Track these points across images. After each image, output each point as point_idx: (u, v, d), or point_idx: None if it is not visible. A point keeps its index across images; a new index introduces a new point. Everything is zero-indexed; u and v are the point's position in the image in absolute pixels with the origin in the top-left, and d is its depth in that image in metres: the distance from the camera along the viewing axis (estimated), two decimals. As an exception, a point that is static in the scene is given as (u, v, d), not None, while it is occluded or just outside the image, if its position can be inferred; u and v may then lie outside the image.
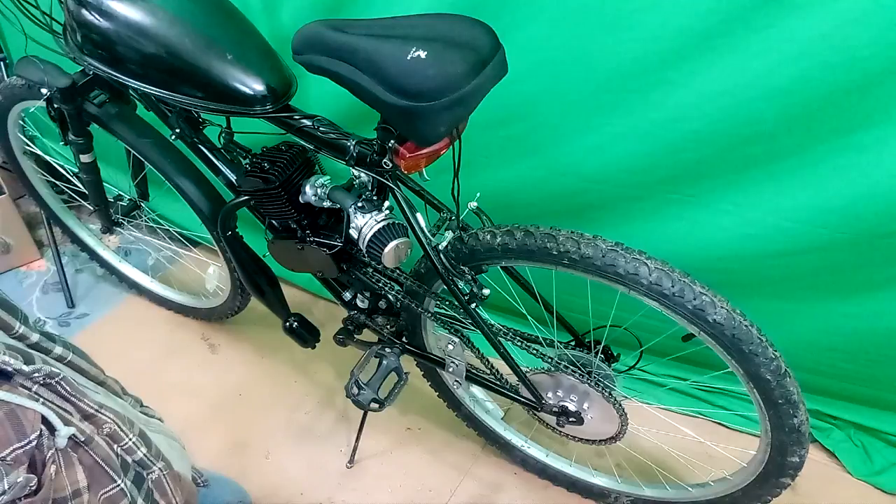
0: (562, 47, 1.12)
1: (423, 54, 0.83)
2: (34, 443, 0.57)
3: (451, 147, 0.97)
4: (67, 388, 0.65)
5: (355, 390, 1.19)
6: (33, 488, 0.57)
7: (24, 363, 0.59)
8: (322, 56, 0.91)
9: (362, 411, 1.30)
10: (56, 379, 0.63)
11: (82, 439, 0.64)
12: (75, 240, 1.88)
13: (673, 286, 0.96)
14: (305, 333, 1.46)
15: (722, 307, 0.96)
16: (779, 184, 1.12)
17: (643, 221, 1.28)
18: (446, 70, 0.84)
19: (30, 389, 0.61)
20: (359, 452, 1.48)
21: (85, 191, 1.52)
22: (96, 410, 0.68)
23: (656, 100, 1.10)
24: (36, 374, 0.61)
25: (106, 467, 0.67)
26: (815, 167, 1.08)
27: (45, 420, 0.60)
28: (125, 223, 1.66)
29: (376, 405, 1.20)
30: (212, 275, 1.67)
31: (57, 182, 1.78)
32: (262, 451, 1.50)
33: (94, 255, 1.89)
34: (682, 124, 1.11)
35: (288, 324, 1.44)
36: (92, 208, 1.57)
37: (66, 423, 0.63)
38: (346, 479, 1.45)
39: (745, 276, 1.25)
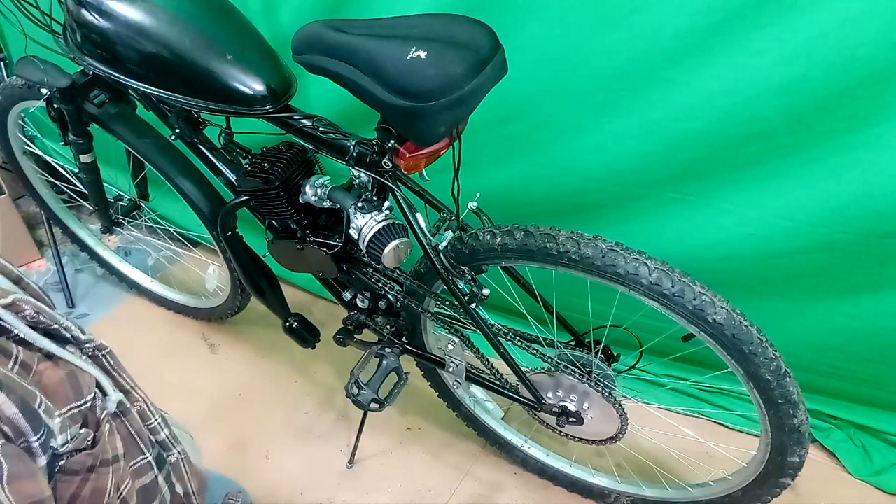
0: (562, 47, 1.12)
1: (422, 54, 0.84)
2: (89, 404, 0.61)
3: (451, 147, 0.98)
4: (112, 361, 0.69)
5: (355, 390, 1.19)
6: (89, 443, 0.60)
7: (81, 332, 0.63)
8: (322, 56, 0.91)
9: (362, 411, 1.30)
10: (103, 352, 0.67)
11: (125, 406, 0.68)
12: (75, 240, 1.88)
13: (673, 286, 0.96)
14: (305, 333, 1.46)
15: (722, 307, 0.96)
16: (779, 183, 1.12)
17: (643, 221, 1.28)
18: (446, 70, 0.84)
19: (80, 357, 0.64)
20: (359, 452, 1.48)
21: (85, 191, 1.52)
22: (132, 387, 0.72)
23: (656, 99, 1.10)
24: (87, 345, 0.64)
25: (138, 440, 0.70)
26: (814, 166, 1.08)
27: (97, 384, 0.64)
28: (125, 223, 1.66)
29: (376, 405, 1.20)
30: (212, 275, 1.67)
31: (57, 182, 1.78)
32: (262, 451, 1.50)
33: (94, 255, 1.89)
34: (683, 123, 1.11)
35: (288, 324, 1.44)
36: (92, 208, 1.57)
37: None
38: (346, 479, 1.45)
39: (745, 276, 1.25)
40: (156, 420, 0.75)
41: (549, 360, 1.15)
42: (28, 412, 0.51)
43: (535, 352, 1.15)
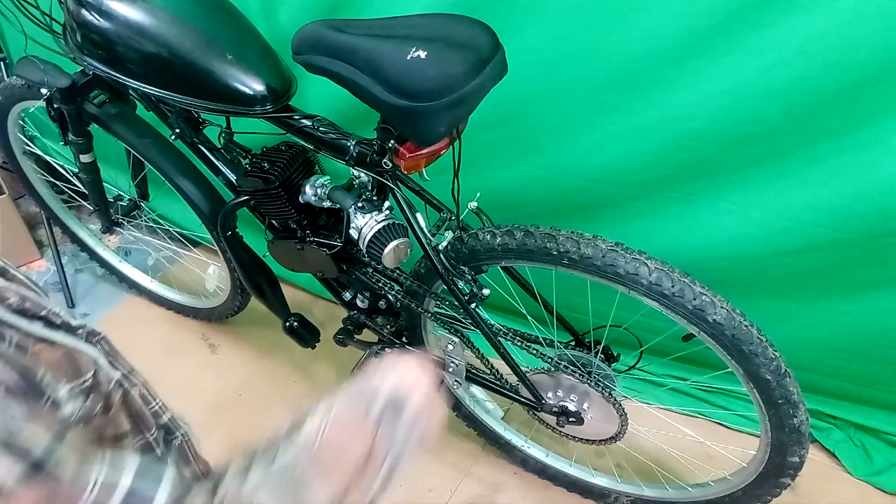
0: (562, 47, 1.12)
1: (422, 54, 0.83)
2: (90, 382, 0.60)
3: (451, 147, 0.98)
4: (107, 346, 0.68)
5: (355, 390, 1.19)
6: (100, 410, 0.60)
7: (72, 318, 0.62)
8: (322, 56, 0.91)
9: (362, 411, 1.30)
10: (97, 338, 0.66)
11: (125, 387, 0.68)
12: (75, 240, 1.88)
13: (673, 286, 0.96)
14: (305, 333, 1.46)
15: (722, 307, 0.96)
16: (779, 183, 1.12)
17: (643, 221, 1.28)
18: (446, 70, 0.84)
19: None
20: (359, 452, 1.48)
21: (85, 191, 1.52)
22: (130, 372, 0.72)
23: (656, 99, 1.10)
24: (80, 330, 0.63)
25: (139, 421, 0.70)
26: (814, 166, 1.08)
27: (95, 363, 0.64)
28: (125, 223, 1.66)
29: (376, 405, 1.20)
30: (212, 275, 1.67)
31: (57, 182, 1.78)
32: (262, 451, 1.50)
33: (94, 255, 1.89)
34: (682, 123, 1.11)
35: (288, 324, 1.44)
36: (92, 208, 1.57)
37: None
38: (346, 479, 1.45)
39: (745, 275, 1.25)
40: (157, 404, 0.75)
41: (549, 360, 1.15)
42: (29, 383, 0.49)
43: (535, 352, 1.15)
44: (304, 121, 1.07)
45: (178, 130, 1.24)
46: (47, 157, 1.73)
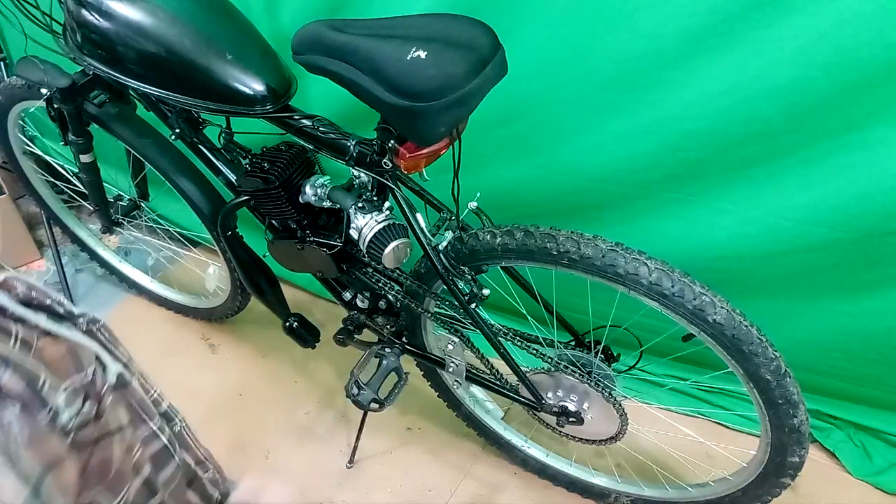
0: (562, 47, 1.12)
1: (422, 54, 0.84)
2: (90, 377, 0.62)
3: (450, 147, 0.98)
4: (107, 334, 0.69)
5: (355, 390, 1.19)
6: (93, 416, 0.61)
7: (74, 307, 0.64)
8: (322, 56, 0.91)
9: (362, 411, 1.30)
10: (97, 325, 0.67)
11: (126, 379, 0.69)
12: (75, 240, 1.88)
13: (673, 286, 0.96)
14: (305, 333, 1.46)
15: (722, 307, 0.96)
16: (779, 183, 1.13)
17: (643, 221, 1.28)
18: (446, 70, 0.84)
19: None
20: (359, 452, 1.48)
21: (85, 191, 1.52)
22: (129, 360, 0.73)
23: (656, 99, 1.10)
24: (81, 319, 0.65)
25: (140, 410, 0.71)
26: (814, 166, 1.08)
27: (97, 358, 0.65)
28: (125, 223, 1.66)
29: (376, 405, 1.20)
30: (212, 275, 1.67)
31: (57, 182, 1.78)
32: (262, 451, 1.50)
33: (94, 255, 1.89)
34: (683, 123, 1.11)
35: (288, 324, 1.44)
36: (92, 208, 1.56)
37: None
38: (346, 479, 1.45)
39: (745, 275, 1.25)
40: (156, 391, 0.76)
41: (549, 360, 1.15)
42: (34, 393, 0.52)
43: (535, 352, 1.15)
44: (304, 121, 1.07)
45: (178, 130, 1.24)
46: (47, 157, 1.73)
